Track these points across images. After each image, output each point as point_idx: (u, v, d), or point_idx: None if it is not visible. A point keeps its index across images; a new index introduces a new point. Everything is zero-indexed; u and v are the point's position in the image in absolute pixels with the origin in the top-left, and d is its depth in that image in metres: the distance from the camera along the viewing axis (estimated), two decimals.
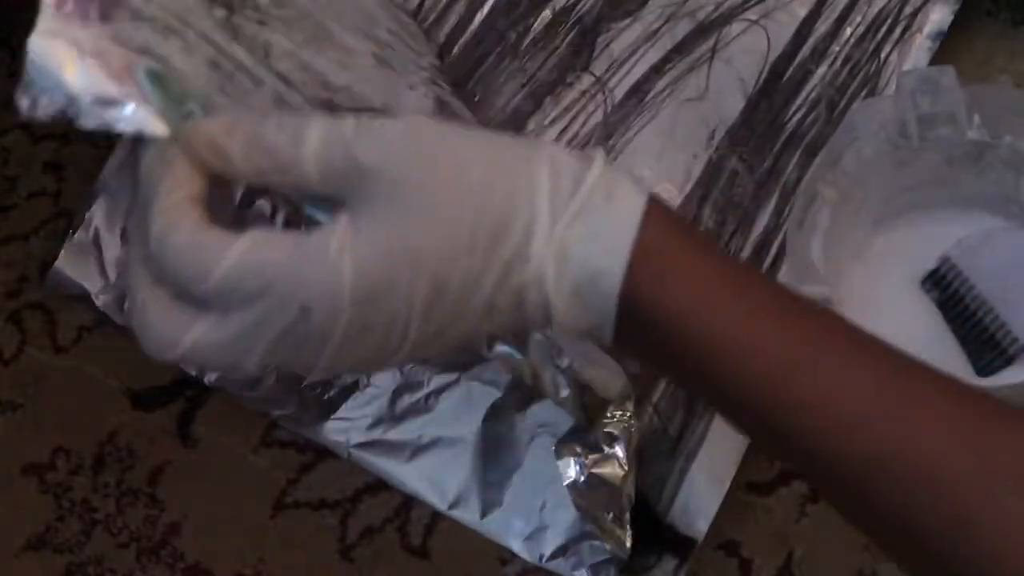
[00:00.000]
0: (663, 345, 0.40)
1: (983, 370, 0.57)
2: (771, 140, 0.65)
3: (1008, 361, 0.57)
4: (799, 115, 0.66)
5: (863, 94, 0.66)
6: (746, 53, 0.68)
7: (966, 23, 0.68)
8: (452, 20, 0.69)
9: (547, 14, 0.69)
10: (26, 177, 0.72)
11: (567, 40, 0.68)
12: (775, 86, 0.66)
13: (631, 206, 0.39)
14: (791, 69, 0.67)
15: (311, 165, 0.38)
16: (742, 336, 0.39)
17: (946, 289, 0.58)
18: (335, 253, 0.37)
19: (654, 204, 0.40)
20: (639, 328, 0.40)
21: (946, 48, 0.67)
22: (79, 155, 0.72)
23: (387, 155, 0.38)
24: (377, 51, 0.58)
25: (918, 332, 0.58)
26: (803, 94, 0.66)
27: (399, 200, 0.38)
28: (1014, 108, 0.57)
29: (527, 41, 0.68)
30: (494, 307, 0.39)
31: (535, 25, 0.69)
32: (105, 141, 0.72)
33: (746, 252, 0.62)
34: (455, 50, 0.69)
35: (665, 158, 0.65)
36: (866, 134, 0.58)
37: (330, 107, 0.51)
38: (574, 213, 0.39)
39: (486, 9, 0.69)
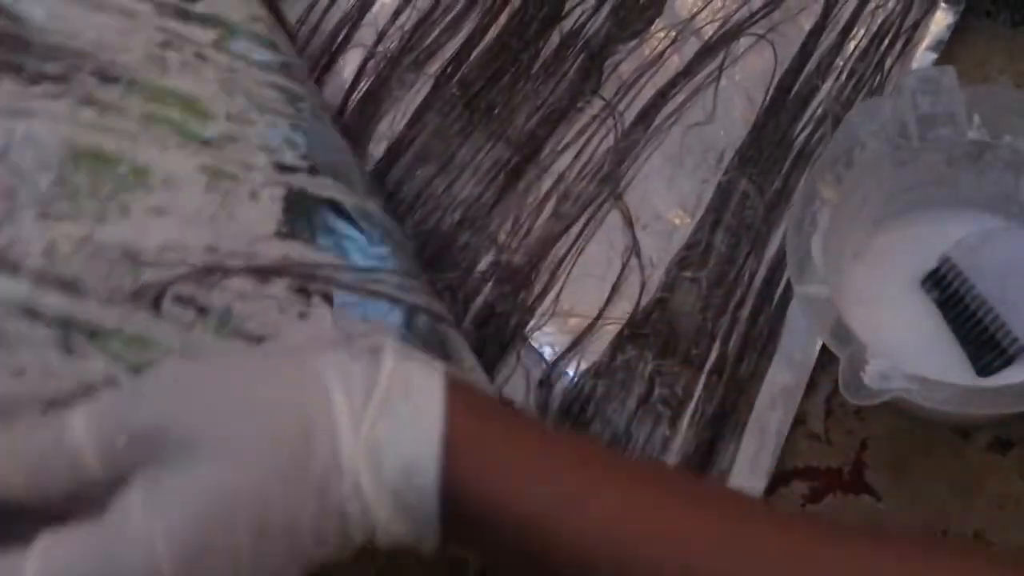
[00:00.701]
0: (491, 531, 0.39)
1: (983, 370, 0.57)
2: (780, 160, 0.65)
3: (1008, 361, 0.57)
4: (806, 132, 0.66)
5: None
6: (753, 69, 0.67)
7: (965, 23, 0.68)
8: (465, 30, 0.69)
9: (555, 38, 0.69)
10: None
11: (576, 64, 0.68)
12: (782, 103, 0.66)
13: (432, 396, 0.39)
14: (798, 84, 0.67)
15: (90, 455, 0.36)
16: (572, 506, 0.39)
17: (946, 289, 0.58)
18: (141, 524, 0.35)
19: (454, 388, 0.39)
20: (464, 522, 0.39)
21: (945, 48, 0.67)
22: None
23: (165, 411, 0.36)
24: (209, 160, 0.53)
25: (918, 332, 0.58)
26: (809, 110, 0.66)
27: (192, 450, 0.36)
28: (1014, 108, 0.57)
29: (537, 65, 0.68)
30: (321, 533, 0.37)
31: (544, 49, 0.68)
32: None
33: (761, 273, 0.62)
34: (472, 57, 0.68)
35: (675, 184, 0.65)
36: (866, 134, 0.58)
37: (134, 299, 0.47)
38: (374, 416, 0.38)
39: (500, 24, 0.69)
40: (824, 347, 0.59)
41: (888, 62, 0.67)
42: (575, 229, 0.64)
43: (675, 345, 0.61)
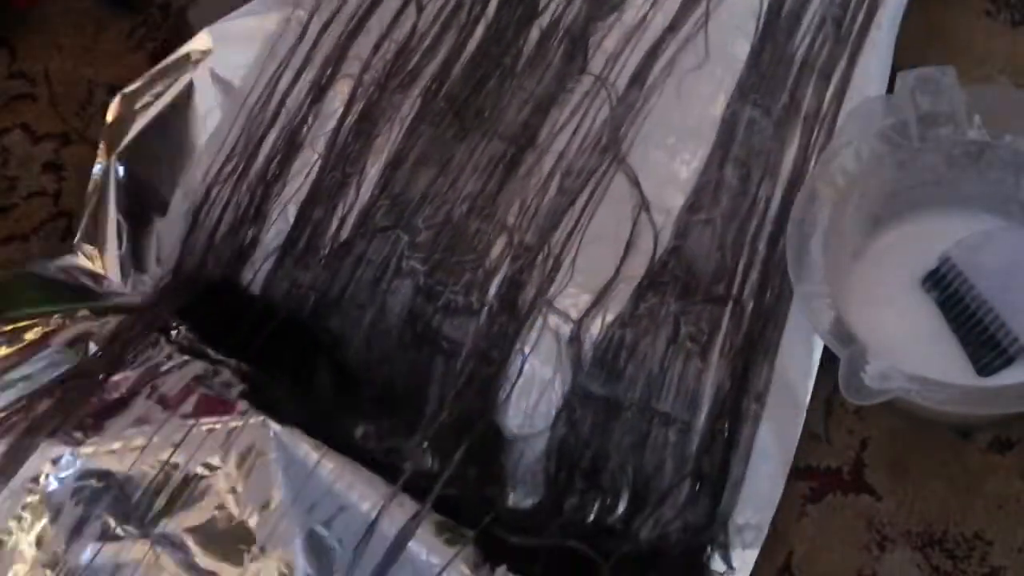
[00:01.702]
0: None
1: (983, 370, 0.57)
2: (783, 76, 0.65)
3: (1008, 361, 0.57)
4: (806, 42, 0.66)
5: (865, 5, 0.66)
6: (739, 5, 0.68)
7: (966, 23, 0.68)
8: (444, 50, 0.69)
9: (535, 34, 0.69)
10: (26, 177, 0.72)
11: (559, 51, 0.68)
12: (775, 25, 0.67)
13: None
14: (788, 3, 0.67)
15: None
16: None
17: (946, 289, 0.58)
18: None
19: None
20: None
21: (946, 48, 0.67)
22: (79, 155, 0.72)
23: None
24: None
25: (918, 332, 0.58)
26: (805, 21, 0.66)
27: None
28: (1014, 108, 0.57)
29: (522, 62, 0.69)
30: None
31: (525, 47, 0.69)
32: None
33: (777, 195, 0.62)
34: (454, 72, 0.69)
35: (677, 133, 0.65)
36: (866, 134, 0.58)
37: None
38: None
39: (478, 36, 0.70)
40: (824, 346, 0.59)
41: None
42: (582, 199, 0.64)
43: (695, 287, 0.61)
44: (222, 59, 0.70)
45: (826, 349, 0.57)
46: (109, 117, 0.70)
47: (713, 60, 0.66)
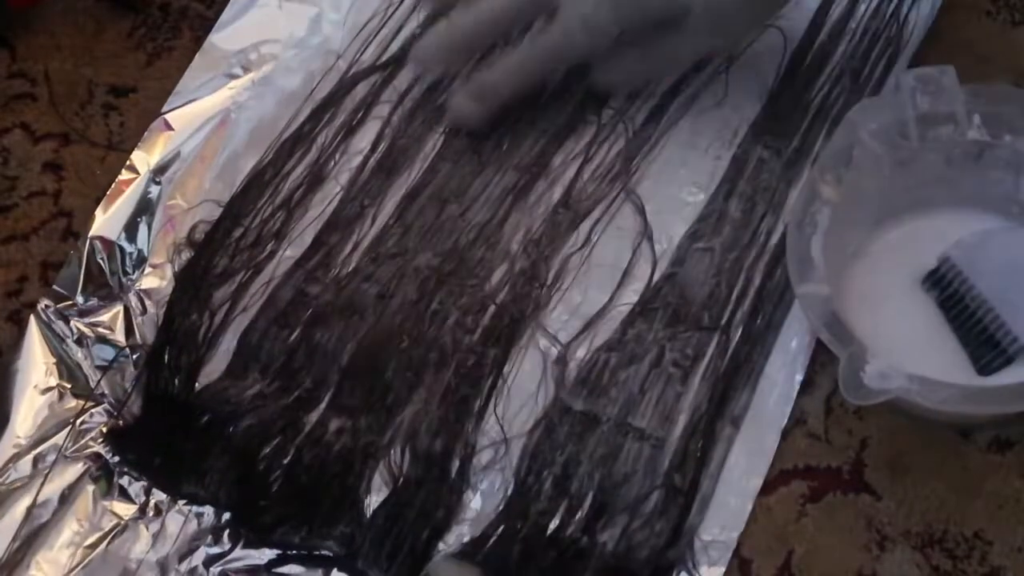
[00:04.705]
0: None
1: (983, 370, 0.57)
2: (797, 121, 0.66)
3: (1008, 361, 0.57)
4: (823, 91, 0.67)
5: (886, 57, 0.67)
6: (762, 54, 0.68)
7: (966, 23, 0.68)
8: None
9: (561, 69, 0.69)
10: (26, 177, 0.72)
11: (583, 85, 0.69)
12: (795, 75, 0.68)
13: None
14: (810, 56, 0.68)
15: None
16: None
17: (946, 289, 0.58)
18: None
19: None
20: None
21: (946, 48, 0.67)
22: (79, 155, 0.72)
23: None
24: None
25: (918, 332, 0.58)
26: (825, 73, 0.67)
27: None
28: (1014, 108, 0.57)
29: (545, 96, 0.69)
30: None
31: (551, 82, 0.69)
32: (105, 142, 0.72)
33: (778, 229, 0.63)
34: None
35: (688, 166, 0.66)
36: (866, 134, 0.58)
37: None
38: None
39: None
40: (824, 346, 0.59)
41: (904, 11, 0.68)
42: (586, 225, 0.65)
43: (686, 314, 0.62)
44: (263, 90, 0.72)
45: (826, 350, 0.57)
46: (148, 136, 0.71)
47: (731, 101, 0.68)
